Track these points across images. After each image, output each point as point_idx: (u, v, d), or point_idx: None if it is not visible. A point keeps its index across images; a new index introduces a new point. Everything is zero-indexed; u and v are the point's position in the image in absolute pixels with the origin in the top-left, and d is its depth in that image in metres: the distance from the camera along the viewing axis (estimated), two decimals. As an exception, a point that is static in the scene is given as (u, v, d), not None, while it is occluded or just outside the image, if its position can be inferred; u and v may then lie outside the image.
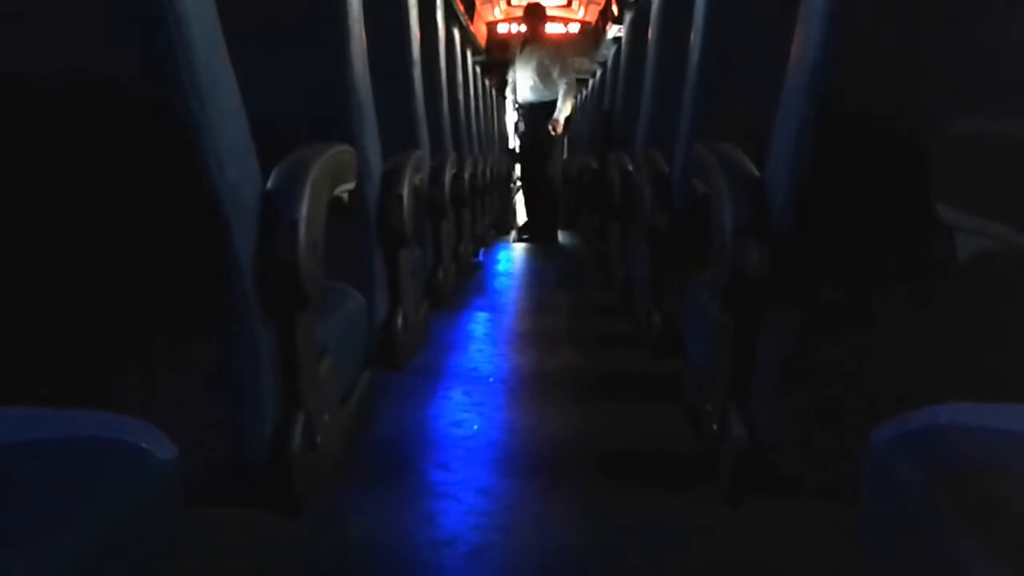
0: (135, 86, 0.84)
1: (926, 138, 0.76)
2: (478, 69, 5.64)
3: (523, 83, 5.73)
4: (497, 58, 9.34)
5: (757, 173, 1.14)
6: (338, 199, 1.19)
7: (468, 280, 4.13)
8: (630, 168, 2.48)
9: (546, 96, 5.63)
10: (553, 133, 5.58)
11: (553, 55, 5.72)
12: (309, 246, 0.98)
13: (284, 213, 0.97)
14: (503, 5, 10.46)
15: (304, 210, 0.98)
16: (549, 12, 7.88)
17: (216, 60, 0.89)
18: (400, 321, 1.67)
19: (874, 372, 1.02)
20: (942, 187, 0.69)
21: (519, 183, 7.16)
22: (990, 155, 0.67)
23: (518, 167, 6.79)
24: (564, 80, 5.59)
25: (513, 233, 6.50)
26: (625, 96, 3.08)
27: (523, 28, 6.26)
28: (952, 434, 0.68)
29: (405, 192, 1.61)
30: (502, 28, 10.13)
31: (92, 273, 0.93)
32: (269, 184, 1.00)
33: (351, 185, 1.26)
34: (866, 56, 0.96)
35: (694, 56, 1.80)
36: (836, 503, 0.96)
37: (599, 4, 9.44)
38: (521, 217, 6.92)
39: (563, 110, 5.58)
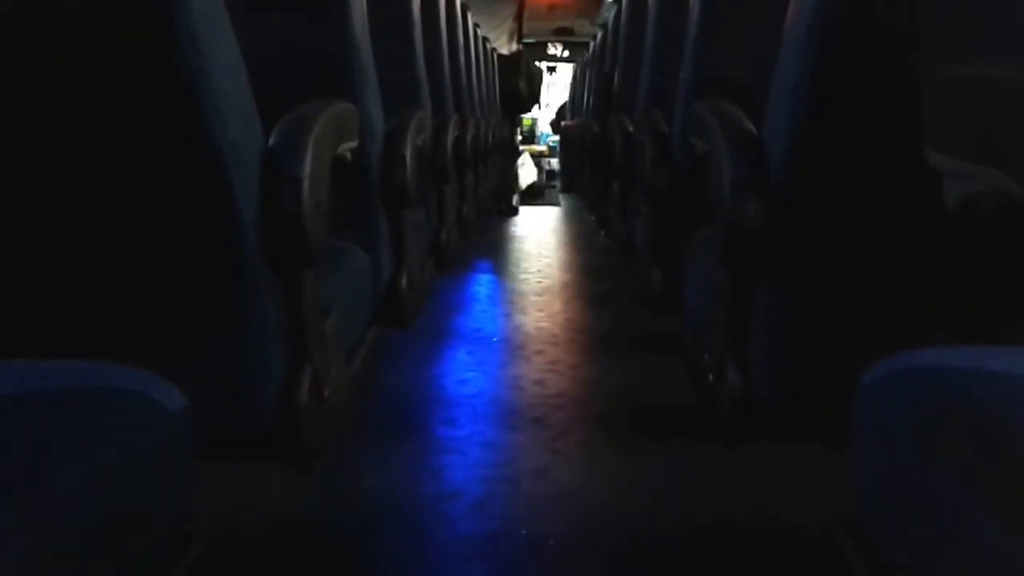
0: (133, 39, 0.83)
1: (919, 91, 0.78)
2: (479, 32, 5.58)
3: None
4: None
5: (754, 130, 1.16)
6: (341, 157, 1.19)
7: (471, 243, 4.14)
8: (631, 129, 2.49)
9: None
10: None
11: None
12: (313, 204, 0.98)
13: (287, 171, 0.97)
14: (504, -34, 10.28)
15: (307, 168, 0.98)
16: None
17: (214, 14, 0.88)
18: (404, 280, 1.69)
19: (867, 320, 1.04)
20: (932, 133, 0.71)
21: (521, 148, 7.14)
22: (978, 100, 0.68)
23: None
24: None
25: (515, 197, 6.48)
26: (626, 57, 3.07)
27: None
28: (939, 374, 0.70)
29: (408, 152, 1.61)
30: (503, -10, 9.98)
31: (98, 231, 0.94)
32: (271, 141, 1.00)
33: (354, 143, 1.26)
34: (861, 11, 0.97)
35: (694, 16, 1.80)
36: (830, 447, 0.98)
37: (600, -35, 9.31)
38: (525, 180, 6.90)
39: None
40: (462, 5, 3.89)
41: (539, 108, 9.12)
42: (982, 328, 0.97)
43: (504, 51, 5.34)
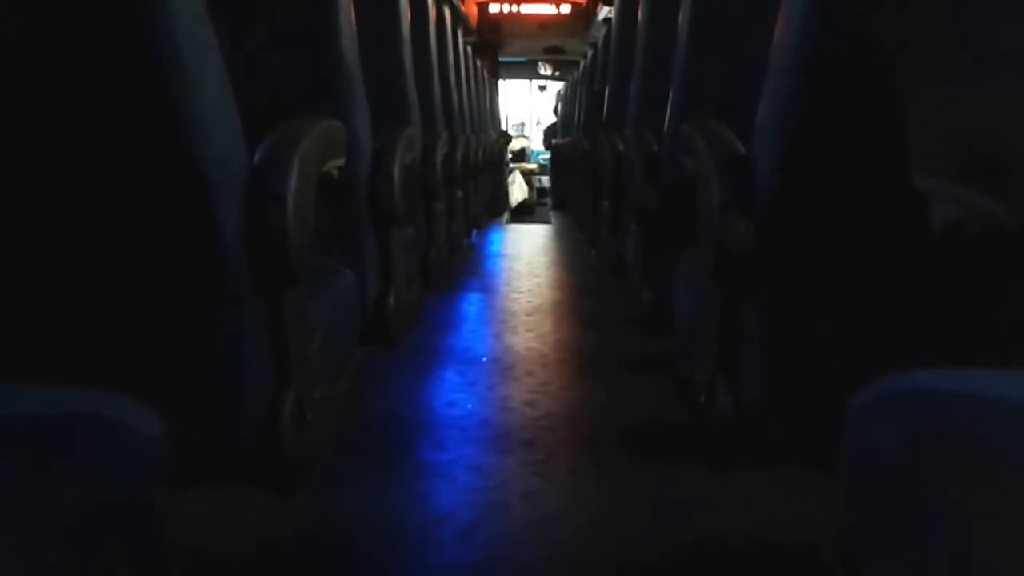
0: (115, 53, 0.82)
1: (905, 111, 0.77)
2: (470, 49, 5.60)
3: None
4: (489, 39, 9.30)
5: (743, 149, 1.15)
6: (328, 175, 1.18)
7: (461, 261, 4.13)
8: (621, 148, 2.49)
9: None
10: None
11: None
12: (298, 222, 0.97)
13: (272, 188, 0.96)
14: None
15: (292, 185, 0.97)
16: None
17: (198, 29, 0.88)
18: (392, 299, 1.67)
19: (858, 342, 1.03)
20: (918, 154, 0.70)
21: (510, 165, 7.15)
22: (964, 122, 0.68)
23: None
24: None
25: (506, 215, 6.50)
26: (616, 76, 3.08)
27: (515, 9, 6.04)
28: (928, 397, 0.69)
29: (396, 170, 1.60)
30: (493, 8, 10.05)
31: (76, 249, 0.92)
32: (256, 158, 0.99)
33: (341, 161, 1.25)
34: (846, 33, 0.97)
35: (683, 35, 1.80)
36: (821, 470, 0.97)
37: (591, -15, 9.39)
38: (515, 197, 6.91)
39: None
40: (452, 22, 3.90)
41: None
42: (972, 351, 0.96)
43: None
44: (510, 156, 8.20)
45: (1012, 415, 0.65)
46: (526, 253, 4.93)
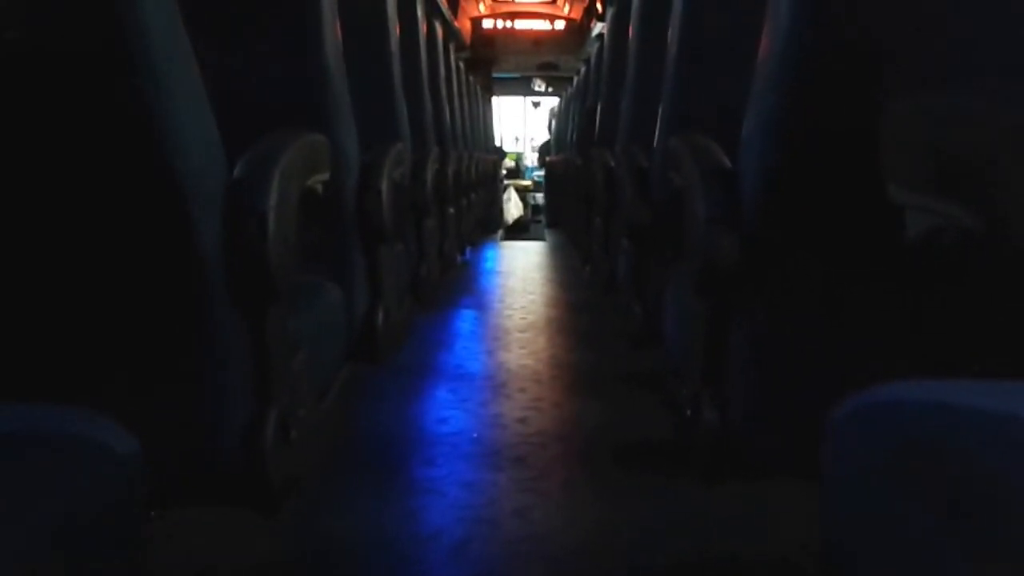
0: (86, 64, 0.81)
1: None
2: (462, 65, 5.61)
3: None
4: (482, 54, 9.34)
5: (729, 164, 1.15)
6: (311, 190, 1.17)
7: (453, 279, 4.12)
8: (612, 164, 2.49)
9: None
10: None
11: None
12: (279, 237, 0.96)
13: (252, 203, 0.95)
14: (488, 0, 10.40)
15: (273, 200, 0.96)
16: (535, 9, 7.74)
17: (173, 40, 0.87)
18: (380, 316, 1.66)
19: (843, 354, 1.03)
20: (891, 166, 0.70)
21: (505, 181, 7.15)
22: (946, 134, 0.68)
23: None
24: None
25: (500, 232, 6.50)
26: (608, 92, 3.08)
27: (508, 24, 6.08)
28: (908, 408, 0.68)
29: (384, 185, 1.60)
30: (487, 24, 10.09)
31: (51, 264, 0.91)
32: (236, 173, 0.98)
33: (325, 176, 1.24)
34: (831, 47, 0.97)
35: (672, 52, 1.81)
36: (808, 483, 0.96)
37: (584, 1, 9.44)
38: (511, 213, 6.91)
39: None
40: (444, 37, 3.91)
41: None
42: (955, 362, 0.96)
43: None
44: (505, 173, 8.22)
45: (991, 426, 0.64)
46: (520, 270, 4.93)
